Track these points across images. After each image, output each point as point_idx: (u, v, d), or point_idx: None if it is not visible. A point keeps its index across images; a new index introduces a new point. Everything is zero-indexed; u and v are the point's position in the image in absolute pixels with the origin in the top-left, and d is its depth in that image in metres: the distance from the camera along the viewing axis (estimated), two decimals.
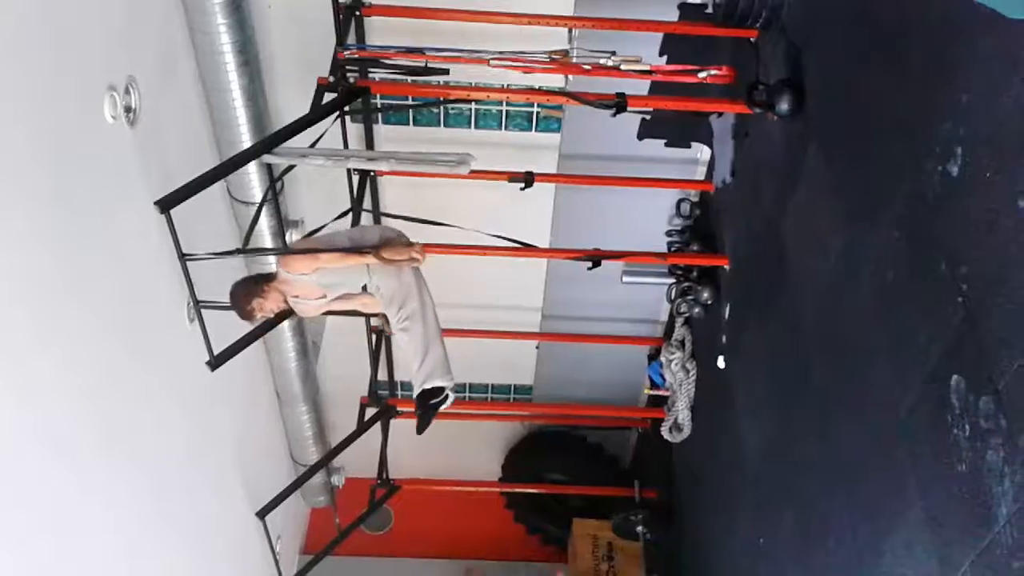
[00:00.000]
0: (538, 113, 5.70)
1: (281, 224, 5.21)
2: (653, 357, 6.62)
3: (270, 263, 5.33)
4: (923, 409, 2.91)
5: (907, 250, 3.08)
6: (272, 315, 3.98)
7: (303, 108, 4.16)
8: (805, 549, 4.01)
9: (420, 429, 4.06)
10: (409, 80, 4.66)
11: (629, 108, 4.32)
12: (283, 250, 5.11)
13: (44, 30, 3.13)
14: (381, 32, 4.94)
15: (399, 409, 6.40)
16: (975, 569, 2.58)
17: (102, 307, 3.68)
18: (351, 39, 4.71)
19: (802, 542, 4.06)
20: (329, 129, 4.19)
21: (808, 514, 4.00)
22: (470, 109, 5.68)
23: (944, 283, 2.77)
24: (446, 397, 4.01)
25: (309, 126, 3.99)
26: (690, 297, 5.78)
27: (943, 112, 2.83)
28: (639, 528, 6.76)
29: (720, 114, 5.41)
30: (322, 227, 4.24)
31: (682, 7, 5.26)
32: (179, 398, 4.58)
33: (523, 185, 5.04)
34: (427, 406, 4.02)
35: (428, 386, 3.98)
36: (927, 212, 2.92)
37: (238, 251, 4.01)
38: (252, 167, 4.60)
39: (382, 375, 6.68)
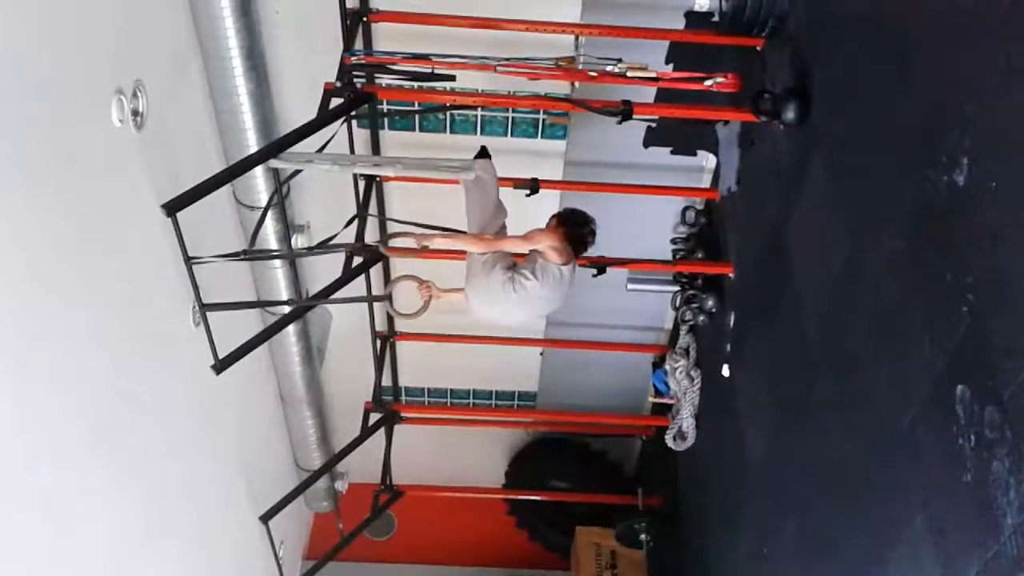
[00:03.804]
0: (544, 120, 5.71)
1: (287, 228, 5.22)
2: (658, 365, 6.62)
3: (276, 267, 5.37)
4: (928, 419, 2.90)
5: (912, 259, 3.07)
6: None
7: (310, 113, 4.16)
8: (809, 558, 3.99)
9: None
10: (415, 86, 4.67)
11: (635, 116, 4.32)
12: (288, 253, 5.14)
13: (51, 34, 3.15)
14: (388, 38, 4.95)
15: (403, 415, 6.40)
16: None
17: (107, 309, 3.69)
18: (358, 45, 4.73)
19: (806, 551, 4.04)
20: (336, 134, 4.20)
21: (812, 523, 3.99)
22: (476, 115, 5.69)
23: (949, 293, 2.76)
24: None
25: (316, 131, 3.99)
26: (695, 305, 5.77)
27: (949, 122, 2.82)
28: (642, 536, 6.75)
29: (726, 122, 5.42)
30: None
31: (688, 15, 5.27)
32: (183, 401, 4.58)
33: (528, 192, 5.04)
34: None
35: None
36: (932, 222, 2.92)
37: (243, 253, 4.01)
38: (258, 171, 4.61)
39: (386, 380, 6.68)
